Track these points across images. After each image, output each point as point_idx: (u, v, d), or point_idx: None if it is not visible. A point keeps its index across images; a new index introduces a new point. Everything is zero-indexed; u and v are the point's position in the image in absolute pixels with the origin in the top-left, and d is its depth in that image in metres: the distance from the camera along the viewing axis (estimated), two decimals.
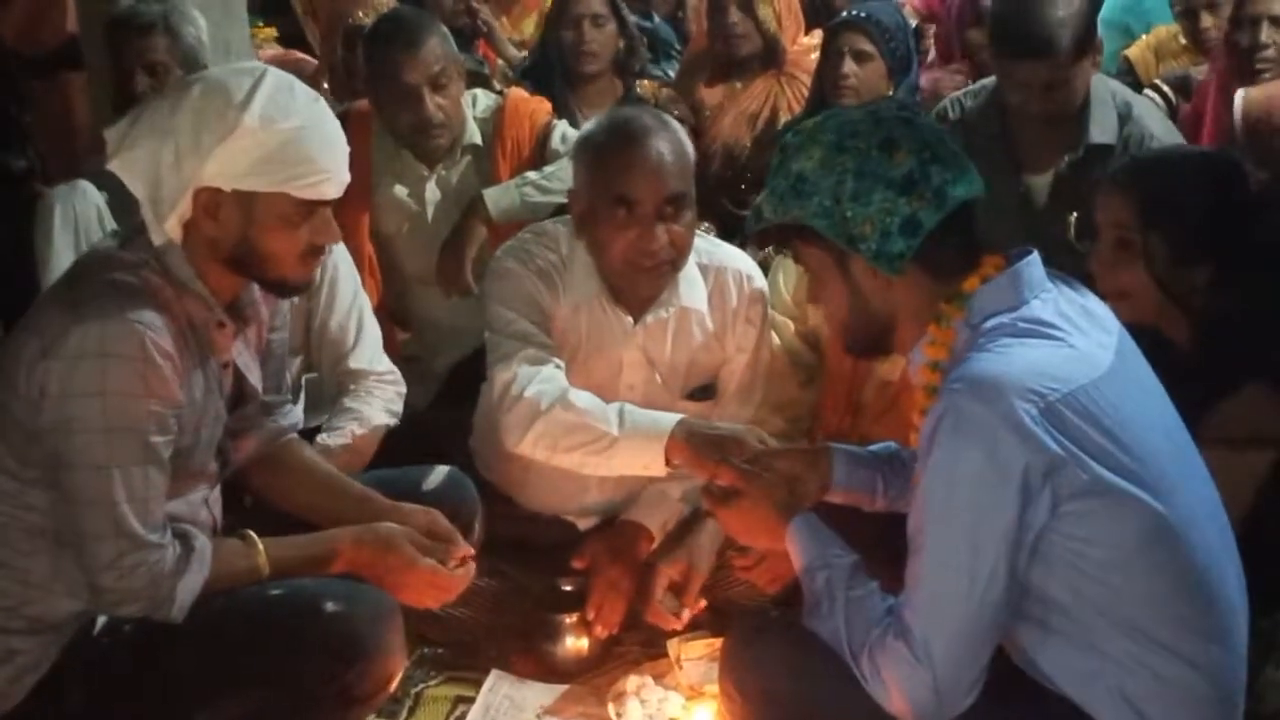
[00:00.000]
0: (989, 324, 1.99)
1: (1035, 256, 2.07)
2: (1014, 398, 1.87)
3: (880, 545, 2.19)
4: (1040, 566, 1.94)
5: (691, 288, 2.88)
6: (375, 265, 3.63)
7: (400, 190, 3.66)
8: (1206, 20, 4.32)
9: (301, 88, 2.25)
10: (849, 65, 4.00)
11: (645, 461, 2.64)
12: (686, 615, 2.83)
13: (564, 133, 3.70)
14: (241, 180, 2.19)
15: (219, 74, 2.25)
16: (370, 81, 3.67)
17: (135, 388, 2.14)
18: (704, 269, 2.92)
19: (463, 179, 3.66)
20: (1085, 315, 2.05)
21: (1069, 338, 1.98)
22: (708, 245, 2.97)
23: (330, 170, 2.24)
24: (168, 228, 2.21)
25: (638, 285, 2.81)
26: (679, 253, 2.76)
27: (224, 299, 2.32)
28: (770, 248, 2.35)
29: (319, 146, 2.23)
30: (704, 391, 2.97)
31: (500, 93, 3.91)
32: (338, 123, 2.28)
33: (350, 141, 2.30)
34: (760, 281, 2.98)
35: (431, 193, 3.67)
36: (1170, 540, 1.94)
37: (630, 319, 2.87)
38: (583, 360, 2.88)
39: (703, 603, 2.85)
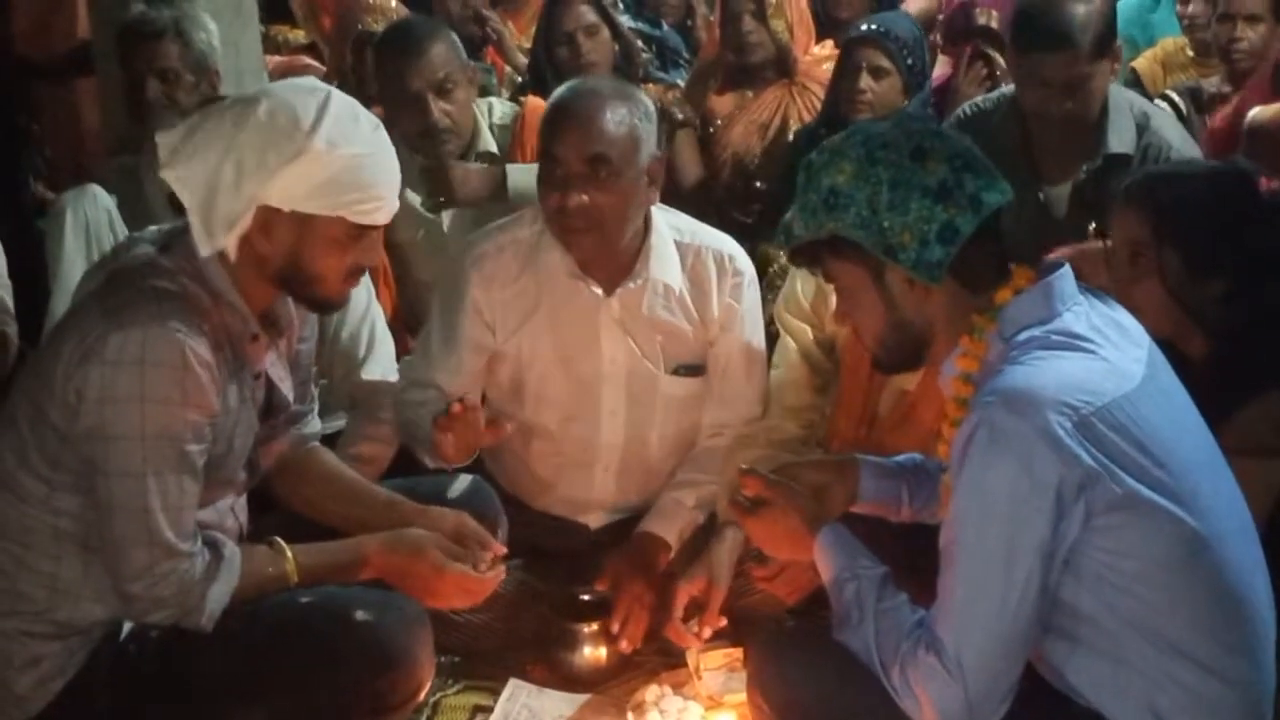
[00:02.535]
0: (1021, 336, 2.00)
1: (1067, 270, 2.08)
2: (1048, 411, 1.88)
3: (903, 558, 2.20)
4: (1071, 579, 1.95)
5: (662, 261, 2.91)
6: (389, 275, 3.64)
7: (414, 198, 3.68)
8: (1243, 31, 4.35)
9: (364, 113, 2.28)
10: (866, 80, 4.00)
11: None
12: (707, 633, 2.82)
13: None
14: (301, 202, 2.21)
15: (284, 93, 2.25)
16: (379, 89, 3.68)
17: (173, 395, 2.16)
18: (682, 248, 2.95)
19: None
20: (1116, 328, 2.06)
21: (1101, 350, 1.99)
22: (689, 225, 3.01)
23: (386, 197, 2.27)
24: (218, 241, 2.22)
25: (569, 248, 2.85)
26: (601, 218, 2.77)
27: (257, 309, 2.33)
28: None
29: (378, 174, 2.25)
30: (690, 369, 2.99)
31: (518, 100, 3.92)
32: (393, 150, 2.31)
33: None
34: (743, 262, 3.00)
35: None
36: (1202, 554, 1.95)
37: (600, 291, 2.90)
38: (558, 334, 2.92)
39: (723, 621, 2.85)
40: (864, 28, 4.12)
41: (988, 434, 1.91)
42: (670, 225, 2.96)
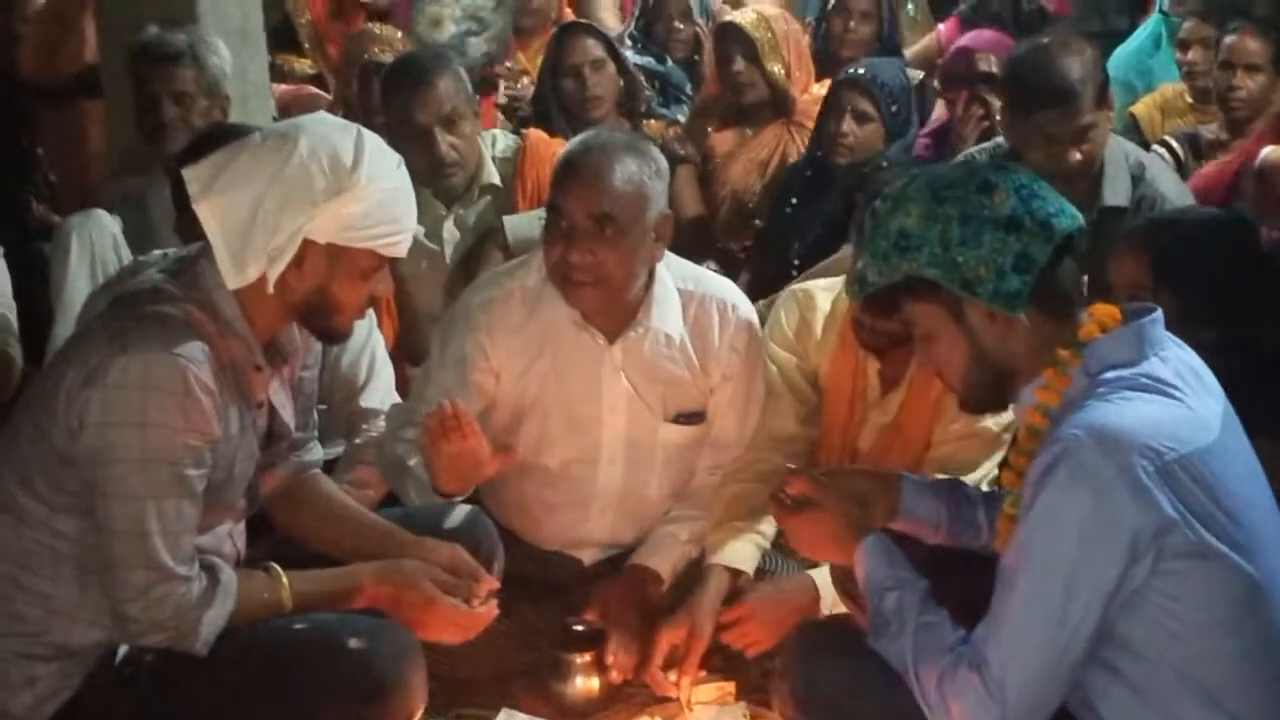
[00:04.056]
0: (1108, 374, 2.01)
1: (1159, 315, 2.08)
2: (1133, 453, 1.90)
3: (939, 581, 2.20)
4: (1127, 615, 1.95)
5: (665, 311, 2.91)
6: (392, 306, 3.66)
7: (418, 229, 3.70)
8: (1241, 80, 4.39)
9: (389, 150, 2.35)
10: (849, 124, 4.07)
11: None
12: (686, 685, 2.82)
13: None
14: (338, 235, 2.27)
15: (319, 129, 2.30)
16: (385, 121, 3.71)
17: (175, 421, 2.18)
18: (685, 295, 2.95)
19: (481, 218, 3.70)
20: (1197, 378, 2.06)
21: (1186, 399, 1.99)
22: (692, 273, 3.01)
23: (410, 229, 2.37)
24: (249, 273, 2.25)
25: (570, 301, 2.85)
26: (604, 274, 2.77)
27: (264, 339, 2.36)
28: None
29: (405, 207, 2.33)
30: (690, 417, 3.00)
31: (518, 133, 3.95)
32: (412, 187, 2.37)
33: None
34: (746, 310, 3.01)
35: (449, 232, 3.72)
36: (1259, 607, 1.96)
37: (603, 339, 2.91)
38: (561, 381, 2.92)
39: (702, 671, 2.86)
40: (851, 72, 4.18)
41: (1069, 467, 1.92)
42: (674, 274, 2.95)
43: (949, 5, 5.99)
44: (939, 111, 4.78)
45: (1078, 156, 3.35)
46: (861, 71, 4.15)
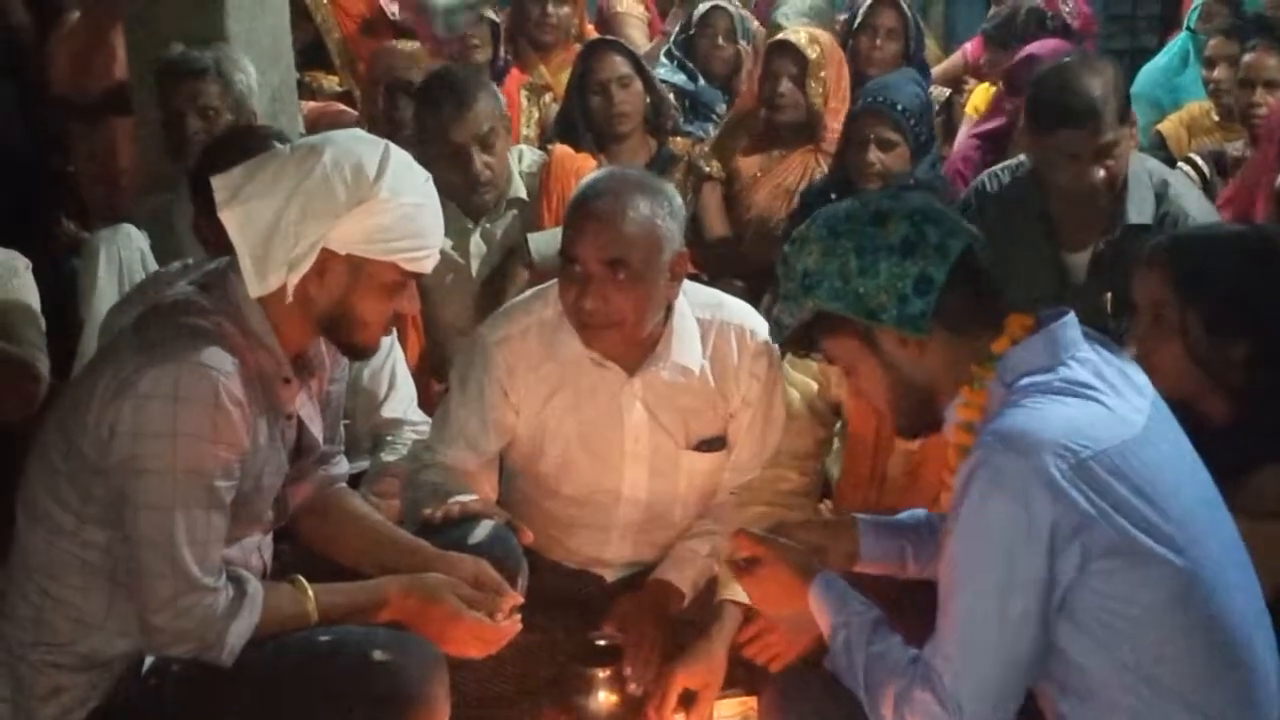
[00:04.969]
0: (1023, 382, 2.04)
1: (1071, 318, 2.11)
2: (1046, 453, 1.92)
3: (909, 602, 2.23)
4: (1068, 625, 1.97)
5: (683, 343, 2.90)
6: (418, 318, 3.68)
7: (444, 242, 3.71)
8: (1261, 97, 4.39)
9: (418, 166, 2.36)
10: (874, 153, 4.05)
11: None
12: None
13: None
14: (358, 246, 2.28)
15: (348, 142, 2.32)
16: (418, 137, 3.74)
17: (205, 432, 2.20)
18: (704, 324, 2.94)
19: (507, 232, 3.72)
20: (1122, 377, 2.09)
21: (1103, 397, 2.02)
22: (711, 299, 3.00)
23: (435, 246, 2.37)
24: (270, 282, 2.27)
25: (585, 343, 2.84)
26: (619, 318, 2.77)
27: (292, 352, 2.37)
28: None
29: (430, 223, 2.35)
30: (711, 444, 2.99)
31: (546, 149, 3.97)
32: (439, 201, 2.39)
33: None
34: (764, 335, 2.99)
35: (476, 246, 3.74)
36: (1198, 601, 1.97)
37: (623, 372, 2.91)
38: (581, 414, 2.92)
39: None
40: (869, 99, 4.13)
41: (986, 473, 1.95)
42: (691, 302, 2.93)
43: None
44: (997, 120, 4.81)
45: (1101, 174, 3.35)
46: (880, 99, 4.11)
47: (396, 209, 2.27)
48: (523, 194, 3.75)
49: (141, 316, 2.36)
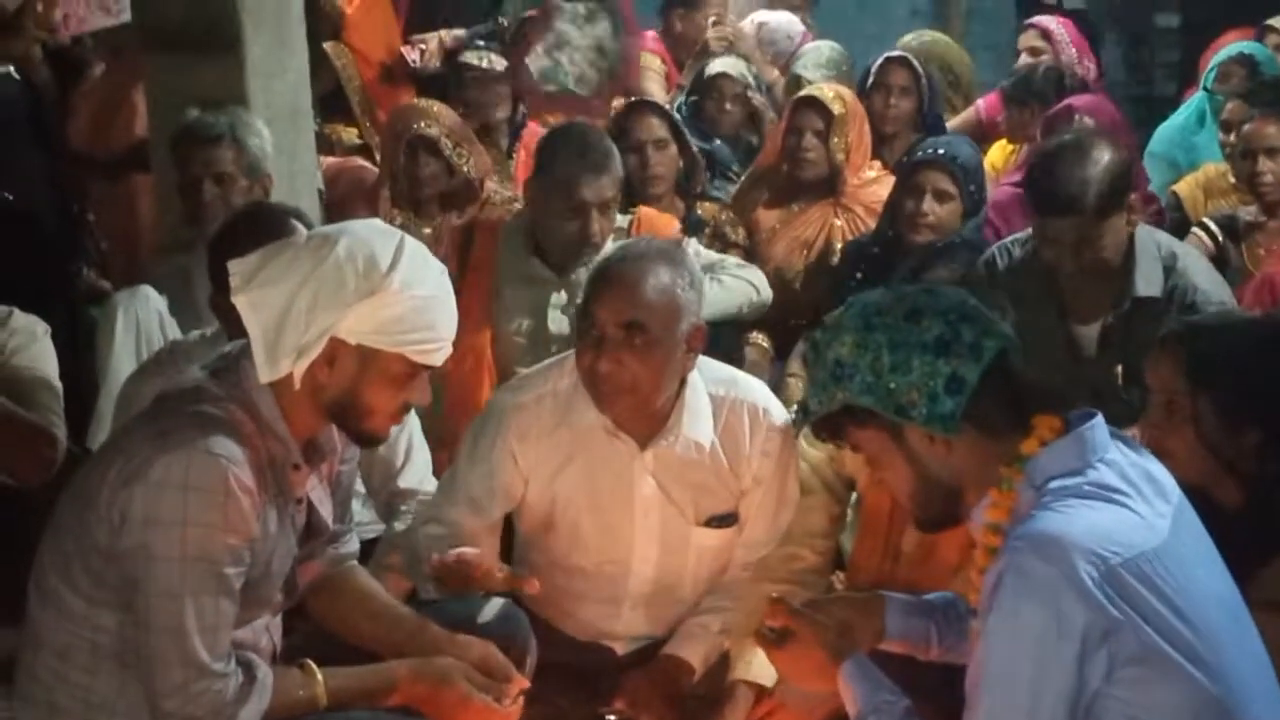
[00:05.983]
0: (1053, 485, 2.03)
1: (1099, 420, 2.10)
2: (1076, 558, 1.92)
3: (937, 691, 2.23)
4: None
5: (696, 418, 2.91)
6: (493, 365, 3.75)
7: (523, 294, 3.78)
8: (1264, 165, 4.39)
9: (432, 258, 2.38)
10: (929, 204, 4.08)
11: None
12: None
13: (696, 249, 3.82)
14: (368, 336, 2.29)
15: (362, 233, 2.34)
16: (537, 183, 3.78)
17: (215, 520, 2.21)
18: (716, 401, 2.95)
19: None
20: (1148, 480, 2.08)
21: (1132, 503, 2.01)
22: (725, 376, 3.01)
23: (446, 339, 2.36)
24: (280, 368, 2.28)
25: (600, 407, 2.86)
26: (634, 384, 2.78)
27: (302, 437, 2.39)
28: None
29: (442, 316, 2.35)
30: (722, 520, 2.99)
31: (629, 210, 4.03)
32: (453, 295, 2.41)
33: (478, 249, 2.36)
34: (778, 414, 3.00)
35: (556, 299, 3.78)
36: (1220, 716, 1.96)
37: (635, 445, 2.92)
38: (592, 485, 2.93)
39: None
40: (929, 151, 4.18)
41: (1016, 578, 1.94)
42: (705, 378, 2.96)
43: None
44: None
45: (1081, 262, 3.38)
46: (941, 151, 4.16)
47: (408, 301, 2.28)
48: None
49: (154, 403, 2.38)
